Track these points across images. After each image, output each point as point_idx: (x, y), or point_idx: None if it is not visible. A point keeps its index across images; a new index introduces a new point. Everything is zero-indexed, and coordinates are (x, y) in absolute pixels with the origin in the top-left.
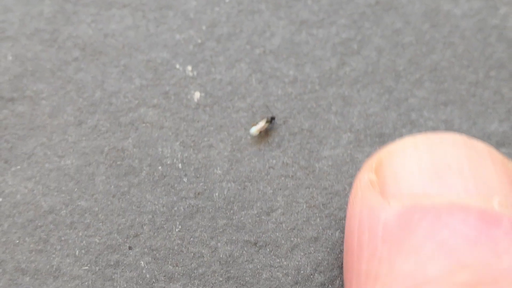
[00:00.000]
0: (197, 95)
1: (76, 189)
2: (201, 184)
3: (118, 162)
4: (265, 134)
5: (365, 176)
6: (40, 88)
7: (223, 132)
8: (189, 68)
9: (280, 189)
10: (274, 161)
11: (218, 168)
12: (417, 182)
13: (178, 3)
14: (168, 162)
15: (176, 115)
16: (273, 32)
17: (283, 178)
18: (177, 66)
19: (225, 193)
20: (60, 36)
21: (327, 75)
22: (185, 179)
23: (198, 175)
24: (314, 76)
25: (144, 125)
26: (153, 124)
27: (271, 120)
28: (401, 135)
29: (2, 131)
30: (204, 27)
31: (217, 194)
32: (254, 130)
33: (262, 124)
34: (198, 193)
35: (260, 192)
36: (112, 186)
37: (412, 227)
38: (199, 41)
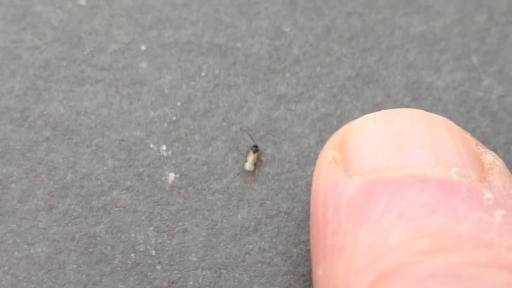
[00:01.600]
0: (171, 176)
1: (46, 279)
2: (175, 272)
3: (90, 250)
4: (258, 164)
5: (328, 154)
6: (9, 170)
7: (198, 216)
8: (164, 147)
9: (257, 277)
10: (250, 247)
11: (193, 255)
12: (378, 156)
13: (152, 78)
14: (142, 249)
15: (150, 198)
16: (250, 108)
17: (259, 265)
18: (151, 145)
19: (200, 281)
20: (31, 115)
21: (306, 153)
22: (158, 267)
23: (172, 263)
24: (292, 154)
25: (117, 209)
26: (126, 208)
27: (255, 149)
28: None
29: None
30: (179, 103)
31: (191, 282)
32: (249, 165)
33: (251, 157)
34: (172, 282)
35: (236, 280)
36: (84, 276)
37: (374, 200)
38: (174, 118)
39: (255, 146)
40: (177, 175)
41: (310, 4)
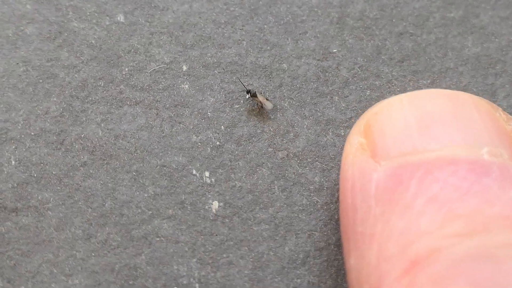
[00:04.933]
0: (215, 205)
1: None
2: None
3: (130, 282)
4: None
5: (354, 139)
6: (46, 197)
7: (243, 248)
8: (207, 174)
9: None
10: (299, 281)
11: None
12: (405, 139)
13: (194, 100)
14: (184, 282)
15: (193, 228)
16: (297, 133)
17: None
18: (194, 171)
19: None
20: (67, 138)
21: None
22: None
23: None
24: None
25: (158, 239)
26: (168, 238)
27: (253, 91)
28: None
29: (5, 246)
30: (222, 127)
31: None
32: (268, 104)
33: (261, 98)
34: None
35: None
36: None
37: (404, 185)
38: (218, 143)
39: (249, 91)
40: (221, 204)
41: (359, 23)
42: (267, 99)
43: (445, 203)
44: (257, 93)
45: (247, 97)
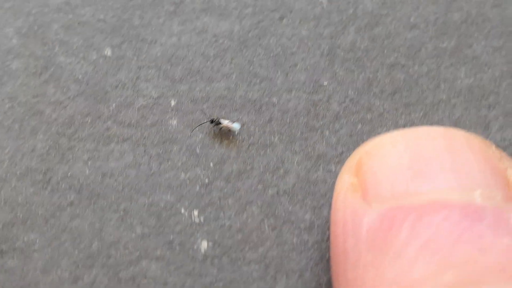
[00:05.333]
0: (204, 244)
1: None
2: None
3: None
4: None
5: (345, 179)
6: (32, 238)
7: None
8: (196, 213)
9: None
10: None
11: None
12: (398, 181)
13: (182, 136)
14: None
15: (181, 269)
16: (287, 169)
17: None
18: (182, 210)
19: None
20: (54, 177)
21: None
22: None
23: None
24: None
25: (146, 281)
26: (156, 280)
27: (217, 120)
28: None
29: None
30: (211, 164)
31: None
32: (237, 125)
33: (225, 122)
34: None
35: None
36: None
37: (395, 229)
38: (206, 180)
39: (212, 120)
40: (210, 243)
41: (350, 55)
42: (232, 122)
43: (437, 250)
44: (220, 119)
45: (212, 126)
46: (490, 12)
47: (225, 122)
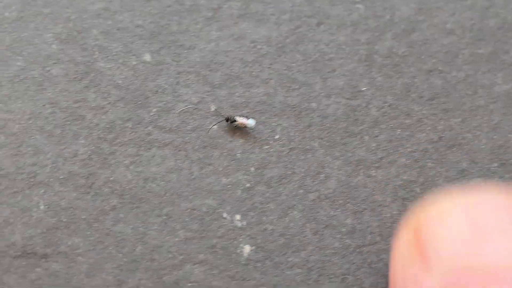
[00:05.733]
0: (247, 249)
1: None
2: None
3: None
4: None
5: (405, 240)
6: (75, 242)
7: None
8: (238, 217)
9: None
10: None
11: None
12: (458, 248)
13: (223, 141)
14: None
15: (225, 272)
16: (327, 174)
17: None
18: (225, 215)
19: None
20: (96, 181)
21: (388, 224)
22: None
23: None
24: (374, 225)
25: (190, 284)
26: (200, 284)
27: (232, 118)
28: None
29: None
30: (252, 169)
31: None
32: (252, 121)
33: (241, 120)
34: None
35: None
36: None
37: None
38: (248, 185)
39: (227, 118)
40: (253, 247)
41: (388, 60)
42: (247, 118)
43: None
44: (235, 116)
45: (228, 124)
46: None
47: (240, 119)
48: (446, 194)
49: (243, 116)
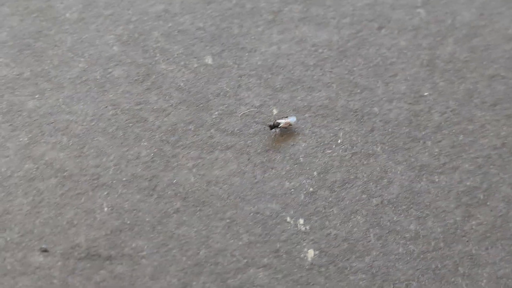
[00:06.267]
0: (311, 253)
1: None
2: None
3: None
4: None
5: None
6: (139, 244)
7: None
8: (301, 221)
9: None
10: None
11: None
12: None
13: (285, 145)
14: None
15: (289, 277)
16: (390, 179)
17: None
18: (288, 219)
19: None
20: (159, 184)
21: (452, 230)
22: None
23: None
24: (437, 231)
25: None
26: None
27: (276, 123)
28: None
29: None
30: (315, 173)
31: None
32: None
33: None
34: None
35: None
36: None
37: None
38: (311, 189)
39: (271, 126)
40: (317, 252)
41: (450, 66)
42: (286, 117)
43: None
44: (276, 120)
45: (272, 131)
46: None
47: (282, 121)
48: None
49: (282, 118)
